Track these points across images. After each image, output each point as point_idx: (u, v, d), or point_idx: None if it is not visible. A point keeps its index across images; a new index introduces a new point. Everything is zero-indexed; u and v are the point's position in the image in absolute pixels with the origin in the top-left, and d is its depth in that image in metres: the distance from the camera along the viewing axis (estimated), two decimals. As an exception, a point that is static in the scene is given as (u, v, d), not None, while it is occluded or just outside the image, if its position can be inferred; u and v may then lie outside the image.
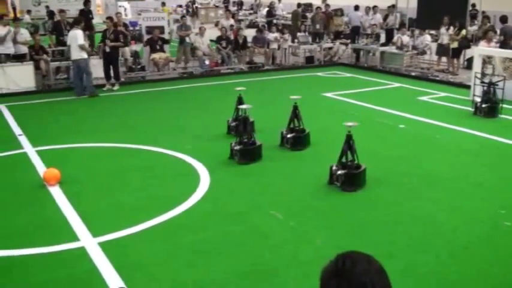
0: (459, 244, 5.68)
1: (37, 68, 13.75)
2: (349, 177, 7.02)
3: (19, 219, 6.31)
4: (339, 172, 7.02)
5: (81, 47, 12.76)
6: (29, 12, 28.78)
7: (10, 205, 6.76)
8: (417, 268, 5.15)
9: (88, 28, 15.49)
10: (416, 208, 6.53)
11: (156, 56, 15.38)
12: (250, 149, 8.20)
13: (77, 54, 12.75)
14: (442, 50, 15.81)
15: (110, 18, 14.74)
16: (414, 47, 16.44)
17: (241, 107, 8.74)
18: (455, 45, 15.37)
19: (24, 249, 5.53)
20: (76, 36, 12.72)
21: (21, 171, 7.98)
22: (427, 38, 16.41)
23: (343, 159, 7.14)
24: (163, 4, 27.48)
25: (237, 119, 9.31)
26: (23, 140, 9.42)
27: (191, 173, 7.74)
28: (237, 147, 8.09)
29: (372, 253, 1.72)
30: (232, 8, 28.15)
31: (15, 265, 5.32)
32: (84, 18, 15.04)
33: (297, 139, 8.75)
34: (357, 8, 19.47)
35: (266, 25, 21.44)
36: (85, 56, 12.89)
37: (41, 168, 7.90)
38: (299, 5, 21.79)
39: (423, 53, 16.48)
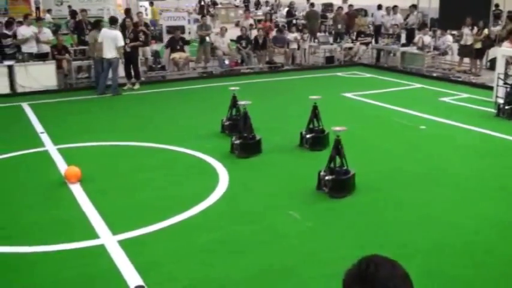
0: (480, 247, 5.61)
1: (59, 67, 13.90)
2: (337, 183, 6.80)
3: (40, 216, 6.39)
4: (327, 178, 6.81)
5: (120, 50, 12.91)
6: (49, 11, 29.10)
7: (31, 202, 6.84)
8: (438, 271, 5.09)
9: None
10: (437, 210, 6.46)
11: (176, 55, 15.45)
12: (250, 143, 8.42)
13: (112, 53, 12.87)
14: (464, 51, 15.61)
15: (129, 17, 14.84)
16: (436, 48, 16.25)
17: (240, 103, 8.77)
18: (478, 45, 15.16)
19: (45, 246, 5.60)
20: (116, 37, 12.85)
21: (43, 168, 8.08)
22: (448, 38, 16.21)
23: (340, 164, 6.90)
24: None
25: (230, 118, 9.46)
26: (45, 137, 9.53)
27: (209, 172, 7.76)
28: (237, 142, 8.34)
29: (392, 254, 1.69)
30: (265, 9, 27.26)
31: (35, 261, 5.38)
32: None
33: (316, 139, 8.71)
34: (380, 7, 19.36)
35: (286, 25, 21.38)
36: (118, 55, 13.04)
37: (62, 166, 7.99)
38: (312, 4, 21.68)
39: (445, 53, 16.28)
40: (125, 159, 8.49)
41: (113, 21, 13.59)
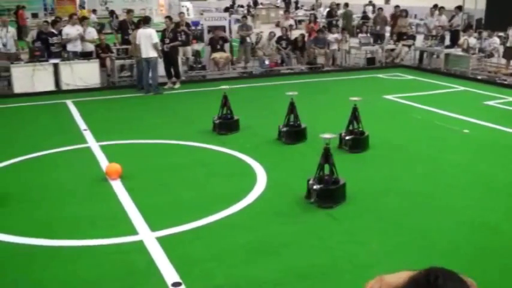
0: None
1: (102, 65, 14.20)
2: (325, 192, 6.51)
3: (81, 211, 6.52)
4: (315, 187, 6.51)
5: (155, 46, 13.09)
6: (94, 11, 29.74)
7: (73, 197, 7.00)
8: (480, 276, 4.94)
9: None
10: (478, 216, 6.29)
11: (217, 55, 15.54)
12: (296, 130, 9.04)
13: (150, 52, 13.07)
14: (510, 53, 15.15)
15: (168, 17, 15.00)
16: (481, 50, 15.82)
17: (288, 93, 9.02)
18: (526, 48, 14.70)
19: (85, 240, 5.71)
20: (151, 35, 13.07)
21: (85, 164, 8.25)
22: (495, 40, 15.76)
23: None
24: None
25: (220, 117, 9.68)
26: (88, 134, 9.74)
27: (247, 171, 7.77)
28: (284, 129, 8.97)
29: (430, 259, 1.65)
30: (322, 12, 26.46)
31: (75, 255, 5.50)
32: None
33: (355, 141, 8.60)
34: (435, 6, 19.06)
35: (326, 25, 21.23)
36: (156, 54, 13.22)
37: (103, 162, 8.15)
38: (347, 4, 21.47)
39: (491, 55, 15.84)
40: (165, 157, 8.59)
41: (146, 20, 13.79)
